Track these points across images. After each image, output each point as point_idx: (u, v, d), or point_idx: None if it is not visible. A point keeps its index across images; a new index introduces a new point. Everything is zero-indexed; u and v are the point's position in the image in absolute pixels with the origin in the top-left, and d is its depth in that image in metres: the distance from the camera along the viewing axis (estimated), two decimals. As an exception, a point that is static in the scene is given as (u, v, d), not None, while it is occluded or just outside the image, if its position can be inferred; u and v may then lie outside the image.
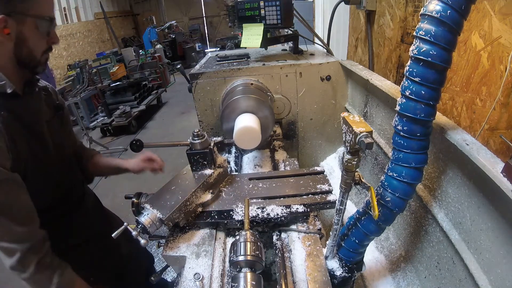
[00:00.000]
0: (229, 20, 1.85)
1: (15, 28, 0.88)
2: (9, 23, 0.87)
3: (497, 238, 0.75)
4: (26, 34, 0.91)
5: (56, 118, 1.15)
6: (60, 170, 1.11)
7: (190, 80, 1.74)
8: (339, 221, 0.89)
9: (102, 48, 10.02)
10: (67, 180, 1.17)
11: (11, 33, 0.88)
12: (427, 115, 0.78)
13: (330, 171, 1.95)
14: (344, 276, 1.00)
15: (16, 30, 0.89)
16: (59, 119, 1.17)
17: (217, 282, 0.84)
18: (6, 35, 0.88)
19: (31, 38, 0.93)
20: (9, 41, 0.90)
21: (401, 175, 0.84)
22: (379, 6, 2.08)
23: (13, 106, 0.95)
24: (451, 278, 0.94)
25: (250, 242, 0.78)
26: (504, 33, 1.16)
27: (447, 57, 0.73)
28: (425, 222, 1.08)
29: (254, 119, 1.37)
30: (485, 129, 1.28)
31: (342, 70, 1.78)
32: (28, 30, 0.91)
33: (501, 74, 1.19)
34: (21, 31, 0.90)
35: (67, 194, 1.15)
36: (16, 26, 0.89)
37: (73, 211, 1.19)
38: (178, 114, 6.54)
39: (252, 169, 1.50)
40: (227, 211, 1.03)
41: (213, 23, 13.67)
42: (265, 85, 1.75)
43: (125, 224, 0.90)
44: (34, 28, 0.92)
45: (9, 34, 0.88)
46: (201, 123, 1.87)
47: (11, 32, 0.88)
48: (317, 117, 1.90)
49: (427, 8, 0.73)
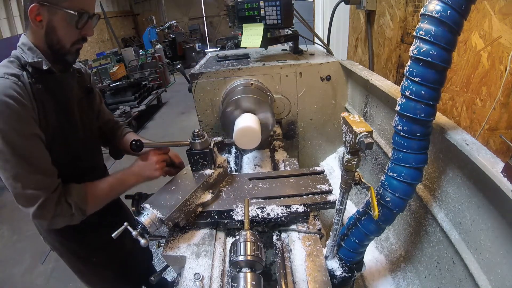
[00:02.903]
0: (229, 20, 1.85)
1: (47, 17, 0.95)
2: (41, 12, 0.94)
3: (497, 238, 0.75)
4: (55, 24, 0.97)
5: (86, 99, 1.22)
6: (84, 148, 1.17)
7: (190, 80, 1.74)
8: (339, 221, 0.89)
9: (102, 48, 10.02)
10: (90, 159, 1.25)
11: (42, 21, 0.95)
12: (427, 115, 0.78)
13: (330, 171, 1.95)
14: (344, 276, 1.00)
15: (47, 19, 0.95)
16: (89, 101, 1.24)
17: (217, 282, 0.84)
18: (38, 22, 0.95)
19: (60, 29, 0.98)
20: (40, 28, 0.97)
21: (401, 175, 0.84)
22: (379, 6, 2.08)
23: (48, 81, 1.02)
24: (451, 278, 0.94)
25: (250, 242, 0.78)
26: (504, 33, 1.16)
27: (447, 57, 0.73)
28: (425, 222, 1.08)
29: (254, 119, 1.37)
30: (485, 129, 1.28)
31: (342, 70, 1.78)
32: (57, 21, 0.97)
33: (501, 74, 1.19)
34: (51, 21, 0.96)
35: (86, 173, 1.17)
36: (48, 15, 0.95)
37: None
38: (178, 114, 6.54)
39: (252, 169, 1.50)
40: (227, 211, 1.03)
41: (213, 23, 13.67)
42: (265, 85, 1.75)
43: (125, 224, 0.90)
44: (63, 20, 0.97)
45: (41, 22, 0.95)
46: (201, 123, 1.87)
47: (42, 20, 0.95)
48: (317, 117, 1.90)
49: (427, 8, 0.73)
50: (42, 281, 2.59)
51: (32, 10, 0.92)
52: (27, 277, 2.63)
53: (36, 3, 0.92)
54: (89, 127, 1.22)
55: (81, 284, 1.40)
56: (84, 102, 1.20)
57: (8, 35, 7.72)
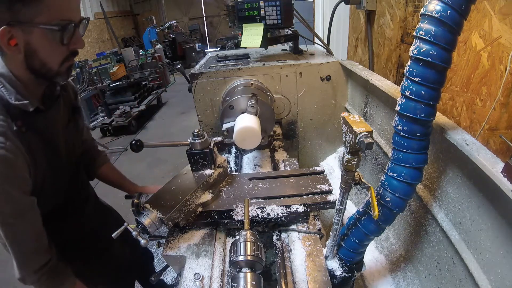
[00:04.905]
0: (229, 20, 1.85)
1: (22, 38, 0.77)
2: (14, 34, 0.75)
3: (497, 238, 0.75)
4: (35, 45, 0.79)
5: (72, 121, 1.09)
6: (70, 173, 1.11)
7: (190, 80, 1.74)
8: (339, 221, 0.89)
9: (102, 48, 10.02)
10: (76, 181, 1.18)
11: (18, 44, 0.77)
12: (427, 115, 0.78)
13: (330, 171, 1.95)
14: (344, 276, 1.00)
15: (23, 41, 0.77)
16: (74, 122, 1.12)
17: (217, 282, 0.84)
18: (13, 47, 0.77)
19: (42, 50, 0.80)
20: (18, 53, 0.79)
21: (401, 175, 0.84)
22: (379, 6, 2.08)
23: (34, 121, 0.89)
24: (451, 278, 0.94)
25: (250, 242, 0.78)
26: (504, 33, 1.16)
27: (447, 57, 0.73)
28: (425, 222, 1.08)
29: (254, 119, 1.37)
30: (485, 129, 1.28)
31: (342, 70, 1.78)
32: (36, 41, 0.78)
33: (501, 74, 1.19)
34: (29, 42, 0.78)
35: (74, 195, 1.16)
36: (23, 36, 0.77)
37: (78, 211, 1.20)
38: (178, 114, 6.54)
39: (252, 169, 1.50)
40: (227, 211, 1.03)
41: (213, 23, 13.67)
42: (265, 85, 1.75)
43: (125, 224, 0.90)
44: (44, 38, 0.79)
45: (17, 46, 0.77)
46: (201, 123, 1.87)
47: (18, 43, 0.77)
48: (317, 117, 1.90)
49: (427, 8, 0.73)
50: (42, 281, 2.59)
51: (2, 35, 0.73)
52: (27, 277, 2.64)
53: (4, 26, 0.73)
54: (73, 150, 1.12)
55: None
56: (69, 126, 1.07)
57: None
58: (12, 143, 0.79)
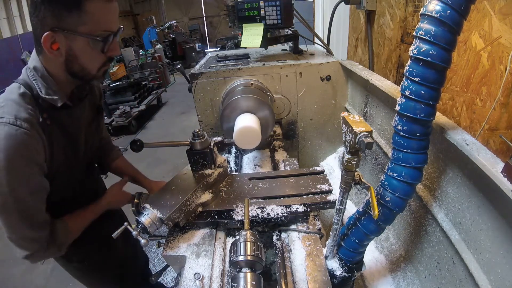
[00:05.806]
0: (229, 20, 1.85)
1: (65, 44, 0.82)
2: (57, 39, 0.81)
3: (497, 238, 0.75)
4: (77, 52, 0.84)
5: (94, 121, 1.15)
6: (83, 170, 1.14)
7: (190, 80, 1.74)
8: (339, 221, 0.89)
9: (102, 48, 10.01)
10: (90, 178, 1.22)
11: (60, 49, 0.83)
12: (427, 115, 0.78)
13: (330, 171, 1.95)
14: (344, 276, 1.00)
15: (66, 46, 0.83)
16: (97, 122, 1.17)
17: (217, 282, 0.84)
18: (55, 51, 0.82)
19: (83, 56, 0.86)
20: (59, 57, 0.85)
21: (401, 175, 0.84)
22: (379, 6, 2.08)
23: (59, 116, 0.95)
24: (451, 278, 0.94)
25: (250, 242, 0.78)
26: (504, 33, 1.16)
27: (447, 57, 0.73)
28: (425, 222, 1.08)
29: (254, 119, 1.37)
30: (485, 129, 1.28)
31: (342, 70, 1.78)
32: (79, 48, 0.84)
33: (501, 74, 1.19)
34: (71, 48, 0.83)
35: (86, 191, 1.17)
36: (66, 42, 0.82)
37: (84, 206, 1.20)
38: (178, 114, 6.54)
39: (252, 169, 1.50)
40: (227, 211, 1.03)
41: (213, 23, 13.68)
42: (265, 85, 1.75)
43: (125, 224, 0.90)
44: (86, 46, 0.84)
45: (59, 50, 0.83)
46: (201, 123, 1.87)
47: (60, 48, 0.82)
48: (317, 117, 1.90)
49: (427, 8, 0.73)
50: (41, 281, 2.59)
51: (45, 39, 0.79)
52: (27, 277, 2.63)
53: (49, 31, 0.79)
54: (92, 149, 1.17)
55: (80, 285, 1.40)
56: (92, 126, 1.13)
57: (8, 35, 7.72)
58: (36, 132, 0.85)
